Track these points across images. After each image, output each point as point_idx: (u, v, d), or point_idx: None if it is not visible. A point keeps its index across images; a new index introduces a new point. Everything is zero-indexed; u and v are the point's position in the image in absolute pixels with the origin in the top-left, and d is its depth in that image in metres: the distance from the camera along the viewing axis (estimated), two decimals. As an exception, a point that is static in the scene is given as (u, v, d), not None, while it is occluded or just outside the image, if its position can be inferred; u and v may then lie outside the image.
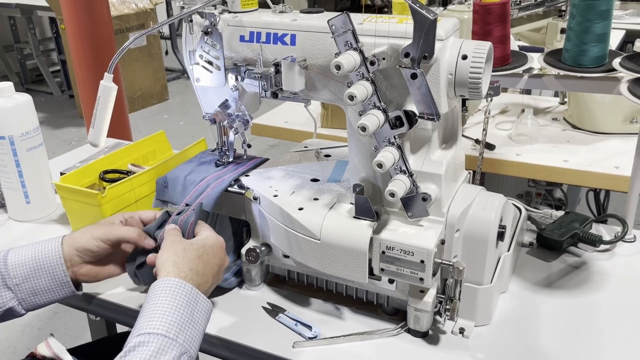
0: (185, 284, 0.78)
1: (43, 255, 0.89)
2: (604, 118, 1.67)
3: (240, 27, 0.94)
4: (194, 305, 0.77)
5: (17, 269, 0.87)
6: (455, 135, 0.93)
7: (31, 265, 0.88)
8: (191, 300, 0.77)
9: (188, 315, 0.75)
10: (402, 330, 0.93)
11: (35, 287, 0.88)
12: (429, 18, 0.74)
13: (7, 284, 0.87)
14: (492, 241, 0.89)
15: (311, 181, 1.02)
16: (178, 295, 0.76)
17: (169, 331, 0.72)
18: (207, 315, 0.80)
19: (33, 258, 0.88)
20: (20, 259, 0.88)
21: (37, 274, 0.88)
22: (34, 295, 0.88)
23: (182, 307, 0.75)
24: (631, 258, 1.10)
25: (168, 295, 0.76)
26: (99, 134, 0.97)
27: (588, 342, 0.90)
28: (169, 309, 0.74)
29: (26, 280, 0.87)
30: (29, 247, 0.90)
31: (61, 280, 0.89)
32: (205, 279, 0.83)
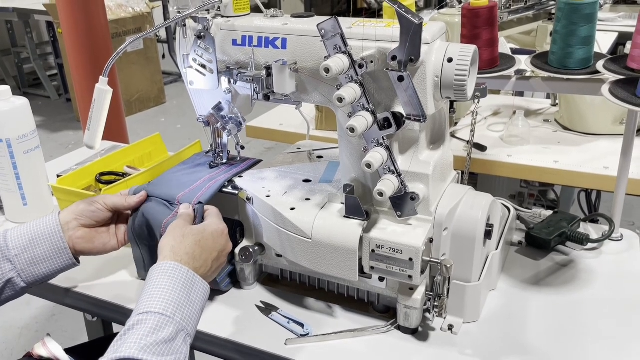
0: (181, 266, 0.80)
1: (41, 226, 0.93)
2: (594, 119, 1.69)
3: (233, 31, 0.96)
4: (191, 287, 0.79)
5: (16, 241, 0.91)
6: (442, 136, 0.95)
7: (29, 236, 0.92)
8: (187, 281, 0.79)
9: (185, 295, 0.77)
10: (392, 327, 0.95)
11: (33, 256, 0.91)
12: (414, 22, 0.76)
13: (7, 256, 0.90)
14: (479, 239, 0.91)
15: (303, 182, 1.03)
16: (174, 277, 0.79)
17: (166, 310, 0.74)
18: (204, 296, 0.81)
19: (31, 230, 0.93)
20: (19, 233, 0.92)
21: (35, 242, 0.92)
22: (33, 264, 0.91)
23: (178, 288, 0.77)
24: (618, 256, 1.12)
25: (165, 277, 0.78)
26: (95, 136, 0.99)
27: (575, 339, 0.92)
28: (165, 289, 0.76)
29: (25, 251, 0.91)
30: (28, 224, 0.94)
31: (59, 246, 0.92)
32: (204, 263, 0.85)
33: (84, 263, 1.14)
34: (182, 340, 0.74)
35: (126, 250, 1.18)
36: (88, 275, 1.11)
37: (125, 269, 1.12)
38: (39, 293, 1.12)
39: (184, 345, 0.74)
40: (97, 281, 1.09)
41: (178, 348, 0.72)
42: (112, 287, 1.07)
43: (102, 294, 1.05)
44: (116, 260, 1.15)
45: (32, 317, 2.38)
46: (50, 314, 2.38)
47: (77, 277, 1.10)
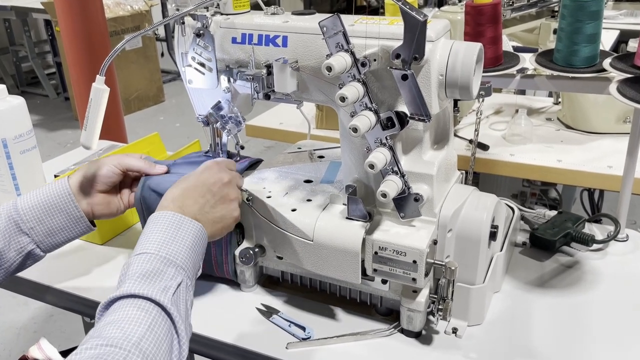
0: (164, 213, 0.81)
1: (52, 196, 0.92)
2: (598, 118, 1.68)
3: (232, 29, 0.94)
4: (177, 226, 0.79)
5: (29, 213, 0.90)
6: (447, 135, 0.93)
7: (42, 207, 0.91)
8: (172, 223, 0.79)
9: (170, 234, 0.78)
10: (396, 330, 0.93)
11: (50, 227, 0.92)
12: (419, 20, 0.75)
13: (22, 229, 0.90)
14: (484, 241, 0.90)
15: (304, 182, 1.02)
16: (158, 222, 0.80)
17: (148, 249, 0.75)
18: (192, 232, 0.80)
19: (43, 200, 0.92)
20: (30, 203, 0.91)
21: (50, 214, 0.91)
22: (50, 235, 0.92)
23: (162, 229, 0.78)
24: (623, 257, 1.11)
25: (150, 226, 0.80)
26: (92, 136, 0.97)
27: (581, 341, 0.91)
28: (150, 234, 0.78)
29: (40, 223, 0.91)
30: (36, 192, 0.93)
31: (75, 216, 0.93)
32: (192, 202, 0.84)
33: (82, 265, 1.13)
34: (175, 271, 0.74)
35: (124, 252, 1.17)
36: (86, 277, 1.10)
37: (124, 271, 1.11)
38: (37, 296, 1.11)
39: (177, 275, 0.74)
40: (95, 283, 1.08)
41: (169, 277, 0.73)
42: (110, 289, 1.05)
43: (100, 297, 1.03)
44: (114, 262, 1.14)
45: (30, 318, 2.36)
46: (49, 315, 2.37)
47: (74, 279, 1.09)
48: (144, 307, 0.68)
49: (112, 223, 1.21)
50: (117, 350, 0.62)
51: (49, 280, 1.08)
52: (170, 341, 0.68)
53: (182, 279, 0.74)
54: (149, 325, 0.66)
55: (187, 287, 0.75)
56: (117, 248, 1.18)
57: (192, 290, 0.77)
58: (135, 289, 0.70)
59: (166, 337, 0.67)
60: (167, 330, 0.68)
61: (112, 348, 0.63)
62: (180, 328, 0.69)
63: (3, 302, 2.44)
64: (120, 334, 0.64)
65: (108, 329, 0.65)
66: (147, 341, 0.65)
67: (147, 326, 0.66)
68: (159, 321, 0.68)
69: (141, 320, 0.67)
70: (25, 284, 1.10)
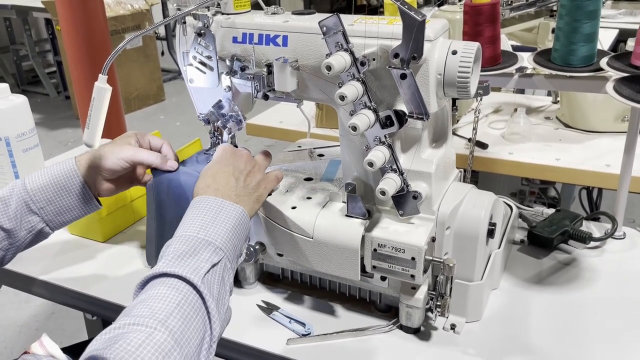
0: (204, 197, 0.82)
1: (61, 177, 0.94)
2: (596, 117, 1.69)
3: (233, 29, 0.95)
4: (218, 210, 0.80)
5: (39, 194, 0.92)
6: (445, 134, 0.94)
7: (51, 187, 0.93)
8: (213, 207, 0.80)
9: (211, 217, 0.79)
10: (394, 326, 0.94)
11: (59, 207, 0.94)
12: (417, 19, 0.75)
13: (32, 209, 0.92)
14: (482, 238, 0.91)
15: (304, 180, 1.03)
16: (198, 207, 0.81)
17: (187, 231, 0.76)
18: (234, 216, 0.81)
19: (52, 181, 0.93)
20: (39, 184, 0.93)
21: (60, 194, 0.94)
22: (59, 215, 0.95)
23: (202, 213, 0.79)
24: (621, 254, 1.12)
25: (191, 210, 0.81)
26: (94, 134, 0.98)
27: (578, 337, 0.92)
28: (191, 218, 0.79)
29: (50, 203, 0.93)
30: (44, 172, 0.94)
31: (84, 196, 0.96)
32: (225, 183, 0.85)
33: (84, 262, 1.14)
34: (212, 251, 0.74)
35: (125, 250, 1.18)
36: (87, 274, 1.11)
37: (125, 268, 1.12)
38: (39, 292, 1.12)
39: (214, 256, 0.74)
40: (97, 280, 1.08)
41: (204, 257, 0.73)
42: (112, 286, 1.06)
43: (102, 293, 1.05)
44: (116, 259, 1.15)
45: (32, 316, 2.37)
46: (50, 312, 2.38)
47: (75, 275, 1.10)
48: (174, 285, 0.69)
49: (114, 221, 1.22)
50: (142, 328, 0.63)
51: (51, 277, 1.09)
52: (202, 320, 0.68)
53: (219, 259, 0.74)
54: (177, 303, 0.67)
55: (225, 269, 0.75)
56: (118, 245, 1.19)
57: (233, 272, 0.77)
58: (167, 267, 0.70)
59: (196, 316, 0.67)
60: (198, 309, 0.68)
61: (138, 326, 0.63)
62: (212, 307, 0.69)
63: (4, 300, 2.45)
64: (148, 312, 0.65)
65: (137, 308, 0.66)
66: (174, 319, 0.65)
67: (176, 304, 0.66)
68: (189, 299, 0.68)
69: (170, 298, 0.67)
70: (26, 281, 1.11)
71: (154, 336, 0.62)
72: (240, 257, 0.83)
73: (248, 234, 0.84)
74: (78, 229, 1.22)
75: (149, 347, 0.61)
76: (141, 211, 1.28)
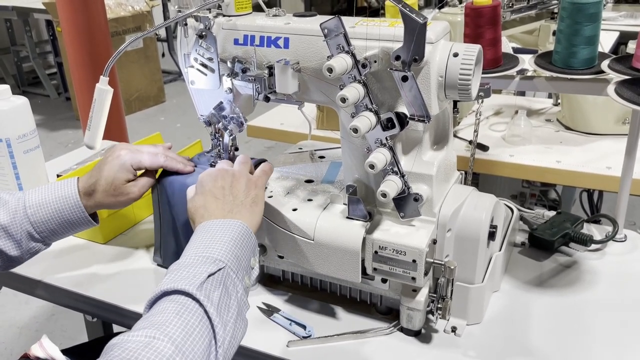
0: (198, 226, 0.83)
1: (66, 213, 0.95)
2: (597, 119, 1.69)
3: (234, 31, 0.95)
4: (212, 229, 0.81)
5: (43, 225, 0.94)
6: (446, 136, 0.94)
7: (56, 221, 0.95)
8: (206, 229, 0.81)
9: (208, 238, 0.79)
10: (395, 329, 0.94)
11: (59, 231, 0.96)
12: (418, 22, 0.75)
13: (35, 238, 0.94)
14: (483, 241, 0.91)
15: (305, 182, 1.03)
16: (194, 235, 0.82)
17: (186, 254, 0.77)
18: (230, 229, 0.81)
19: (56, 215, 0.94)
20: (43, 217, 0.94)
21: (64, 226, 0.96)
22: (59, 236, 0.98)
23: (198, 238, 0.80)
24: (622, 257, 1.12)
25: (190, 240, 0.82)
26: (95, 136, 0.98)
27: (578, 340, 0.91)
28: (188, 246, 0.80)
29: (52, 233, 0.96)
30: (45, 197, 0.94)
31: (83, 221, 0.97)
32: (213, 205, 0.85)
33: (85, 264, 1.14)
34: (210, 264, 0.74)
35: (126, 252, 1.18)
36: (87, 276, 1.10)
37: (125, 270, 1.12)
38: (39, 294, 1.12)
39: (211, 266, 0.74)
40: (97, 282, 1.08)
41: (200, 270, 0.73)
42: (112, 288, 1.06)
43: (102, 295, 1.04)
44: (116, 261, 1.15)
45: (32, 317, 2.37)
46: (50, 314, 2.37)
47: (76, 277, 1.10)
48: (173, 298, 0.69)
49: (114, 223, 1.21)
50: (142, 338, 0.63)
51: (52, 279, 1.09)
52: (205, 328, 0.68)
53: (217, 269, 0.74)
54: (177, 312, 0.67)
55: (228, 277, 0.75)
56: (119, 247, 1.19)
57: (240, 284, 0.77)
58: (164, 286, 0.71)
59: (198, 324, 0.67)
60: (199, 318, 0.68)
61: (137, 336, 0.63)
62: (212, 313, 0.69)
63: (5, 301, 2.45)
64: (148, 324, 0.65)
65: (138, 323, 0.67)
66: (174, 326, 0.65)
67: (175, 313, 0.67)
68: (188, 308, 0.68)
69: (169, 309, 0.68)
70: (27, 282, 1.11)
71: (153, 344, 0.62)
72: (254, 271, 0.82)
73: (254, 245, 0.84)
74: (78, 230, 1.22)
75: (148, 355, 0.61)
76: (142, 213, 1.28)
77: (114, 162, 0.98)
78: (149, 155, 1.01)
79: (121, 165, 0.97)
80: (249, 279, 0.80)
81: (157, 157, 1.01)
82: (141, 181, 1.00)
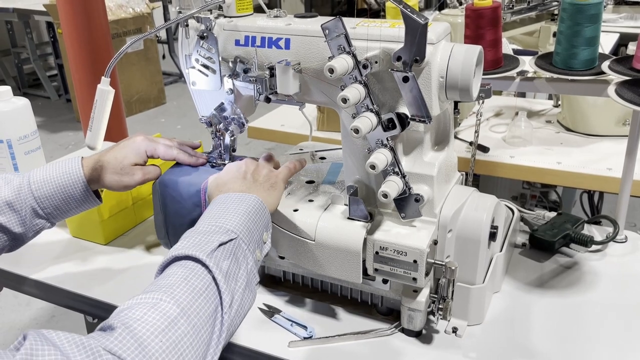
0: (215, 198, 0.86)
1: (69, 187, 0.95)
2: (597, 120, 1.69)
3: (236, 32, 0.96)
4: (227, 202, 0.83)
5: (47, 201, 0.94)
6: (447, 137, 0.94)
7: (60, 196, 0.95)
8: (222, 201, 0.84)
9: (221, 209, 0.82)
10: (396, 329, 0.94)
11: (64, 210, 0.97)
12: (420, 23, 0.76)
13: (39, 214, 0.94)
14: (484, 241, 0.91)
15: (306, 183, 1.03)
16: (210, 206, 0.84)
17: (200, 223, 0.80)
18: (245, 202, 0.83)
19: (59, 190, 0.95)
20: (47, 192, 0.94)
21: (68, 202, 0.96)
22: (63, 214, 0.97)
23: (213, 209, 0.83)
24: (622, 258, 1.12)
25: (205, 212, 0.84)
26: (97, 137, 0.98)
27: (579, 341, 0.91)
28: (203, 216, 0.82)
29: (57, 209, 0.96)
30: (51, 178, 0.94)
31: (89, 200, 0.98)
32: (233, 183, 0.89)
33: (86, 265, 1.14)
34: (221, 233, 0.76)
35: (126, 252, 1.18)
36: (88, 277, 1.11)
37: (126, 271, 1.12)
38: (39, 295, 1.12)
39: (223, 236, 0.76)
40: (98, 282, 1.08)
41: (212, 238, 0.75)
42: (113, 289, 1.06)
43: (103, 296, 1.05)
44: (117, 262, 1.15)
45: (32, 319, 2.37)
46: (50, 315, 2.37)
47: (76, 278, 1.10)
48: (183, 264, 0.71)
49: (115, 224, 1.22)
50: (149, 300, 0.64)
51: (52, 279, 1.09)
52: (212, 294, 0.69)
53: (229, 239, 0.76)
54: (185, 277, 0.68)
55: (239, 248, 0.76)
56: (120, 248, 1.19)
57: (251, 256, 0.78)
58: (176, 251, 0.73)
59: (205, 289, 0.68)
60: (207, 283, 0.69)
61: (145, 298, 0.65)
62: (219, 280, 0.70)
63: (5, 303, 2.45)
64: (155, 287, 0.67)
65: (147, 287, 0.68)
66: (181, 290, 0.66)
67: (183, 278, 0.68)
68: (196, 273, 0.70)
69: (178, 274, 0.69)
70: (28, 284, 1.11)
71: (159, 305, 0.64)
72: (265, 245, 0.84)
73: (267, 220, 0.85)
74: (80, 231, 1.22)
75: (154, 314, 0.62)
76: (143, 214, 1.28)
77: (128, 145, 1.00)
78: (164, 146, 1.02)
79: (135, 148, 0.99)
80: (260, 252, 0.82)
81: (171, 150, 1.03)
82: (148, 167, 1.02)
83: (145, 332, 0.61)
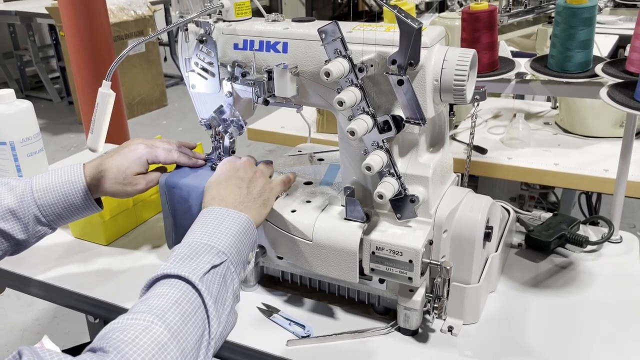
0: (210, 208, 0.87)
1: (72, 196, 0.96)
2: (594, 122, 1.70)
3: (234, 36, 0.97)
4: (222, 218, 0.84)
5: (49, 209, 0.96)
6: (442, 139, 0.96)
7: (62, 205, 0.96)
8: (217, 215, 0.85)
9: (215, 225, 0.83)
10: (393, 328, 0.95)
11: (66, 216, 0.98)
12: (414, 27, 0.77)
13: (42, 222, 0.96)
14: (479, 241, 0.92)
15: (304, 184, 1.04)
16: (203, 217, 0.86)
17: (191, 237, 0.81)
18: (237, 222, 0.84)
19: (62, 199, 0.96)
20: (49, 201, 0.96)
21: (70, 210, 0.97)
22: (64, 220, 0.99)
23: (207, 222, 0.84)
24: (617, 258, 1.13)
25: (197, 221, 0.86)
26: (98, 139, 0.99)
27: (574, 340, 0.93)
28: (196, 227, 0.84)
29: (59, 217, 0.97)
30: (53, 186, 0.96)
31: (90, 207, 0.99)
32: (228, 193, 0.90)
33: (87, 266, 1.15)
34: (214, 254, 0.77)
35: (128, 253, 1.19)
36: (90, 277, 1.12)
37: (127, 271, 1.13)
38: (42, 295, 1.13)
39: (215, 258, 0.77)
40: (99, 283, 1.10)
41: (205, 259, 0.76)
42: (114, 289, 1.08)
43: (104, 296, 1.06)
44: (118, 262, 1.16)
45: (34, 319, 2.39)
46: (52, 316, 2.39)
47: (78, 278, 1.11)
48: (174, 284, 0.72)
49: (117, 224, 1.23)
50: (140, 322, 0.65)
51: (54, 280, 1.11)
52: (200, 318, 0.70)
53: (221, 261, 0.77)
54: (176, 300, 0.69)
55: (228, 271, 0.78)
56: (121, 249, 1.21)
57: (237, 277, 0.80)
58: (168, 269, 0.73)
59: (194, 313, 0.70)
60: (196, 307, 0.70)
61: (135, 320, 0.66)
62: (209, 305, 0.71)
63: (7, 303, 2.47)
64: (146, 308, 0.68)
65: (137, 306, 0.69)
66: (172, 314, 0.67)
67: (174, 300, 0.69)
68: (187, 297, 0.71)
69: (169, 295, 0.70)
70: (31, 284, 1.12)
71: (150, 329, 0.65)
72: (249, 265, 0.86)
73: (254, 241, 0.87)
74: (81, 232, 1.24)
75: (145, 339, 0.63)
76: (144, 215, 1.30)
77: (129, 154, 1.01)
78: (164, 151, 1.04)
79: (137, 158, 1.01)
80: (244, 272, 0.84)
81: (171, 153, 1.05)
82: (150, 176, 1.03)
83: (137, 357, 0.61)
